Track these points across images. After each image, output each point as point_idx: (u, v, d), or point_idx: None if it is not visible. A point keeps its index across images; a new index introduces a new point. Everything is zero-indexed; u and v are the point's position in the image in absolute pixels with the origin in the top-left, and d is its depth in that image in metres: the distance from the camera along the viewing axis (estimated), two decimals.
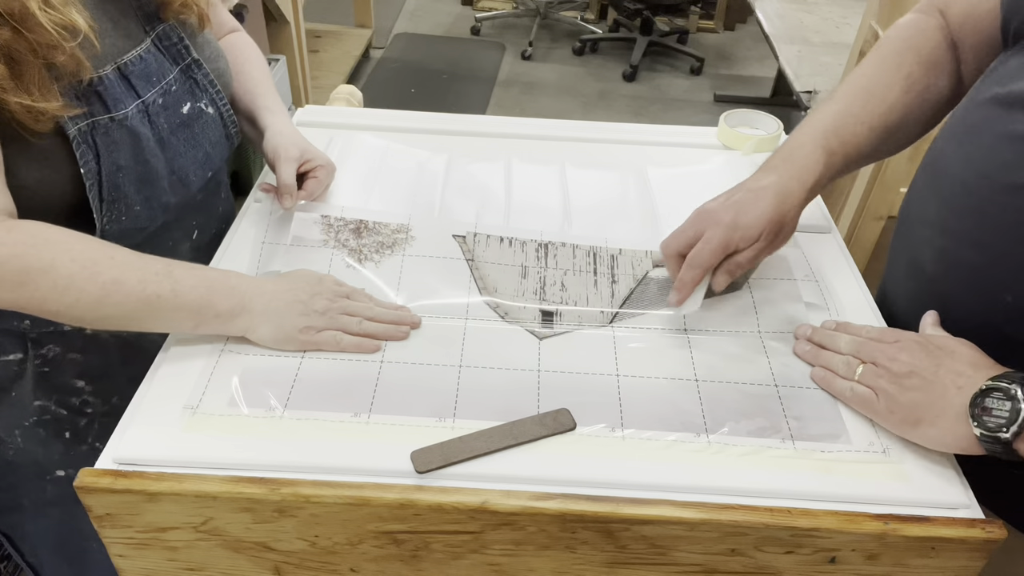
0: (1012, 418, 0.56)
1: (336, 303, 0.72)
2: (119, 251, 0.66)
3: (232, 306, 0.68)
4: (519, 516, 0.58)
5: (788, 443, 0.64)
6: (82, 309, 0.64)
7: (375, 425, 0.64)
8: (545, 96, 3.48)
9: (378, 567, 0.63)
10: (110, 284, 0.63)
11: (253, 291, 0.70)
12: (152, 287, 0.65)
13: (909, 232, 0.78)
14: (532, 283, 0.79)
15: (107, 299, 0.63)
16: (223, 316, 0.68)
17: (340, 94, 1.20)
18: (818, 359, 0.71)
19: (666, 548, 0.59)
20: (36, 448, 0.83)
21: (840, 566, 0.59)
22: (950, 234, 0.70)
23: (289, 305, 0.70)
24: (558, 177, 0.98)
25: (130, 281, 0.64)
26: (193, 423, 0.63)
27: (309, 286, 0.73)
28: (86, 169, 0.68)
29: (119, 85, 0.71)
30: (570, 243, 0.85)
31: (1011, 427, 0.56)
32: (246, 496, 0.57)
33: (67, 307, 0.63)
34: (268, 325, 0.69)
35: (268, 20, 2.39)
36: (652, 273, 0.82)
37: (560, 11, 4.15)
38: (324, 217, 0.84)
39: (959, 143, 0.70)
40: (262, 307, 0.69)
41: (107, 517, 0.59)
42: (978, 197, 0.66)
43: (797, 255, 0.85)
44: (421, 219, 0.87)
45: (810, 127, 0.76)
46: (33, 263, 0.61)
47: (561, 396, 0.67)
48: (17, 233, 0.62)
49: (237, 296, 0.69)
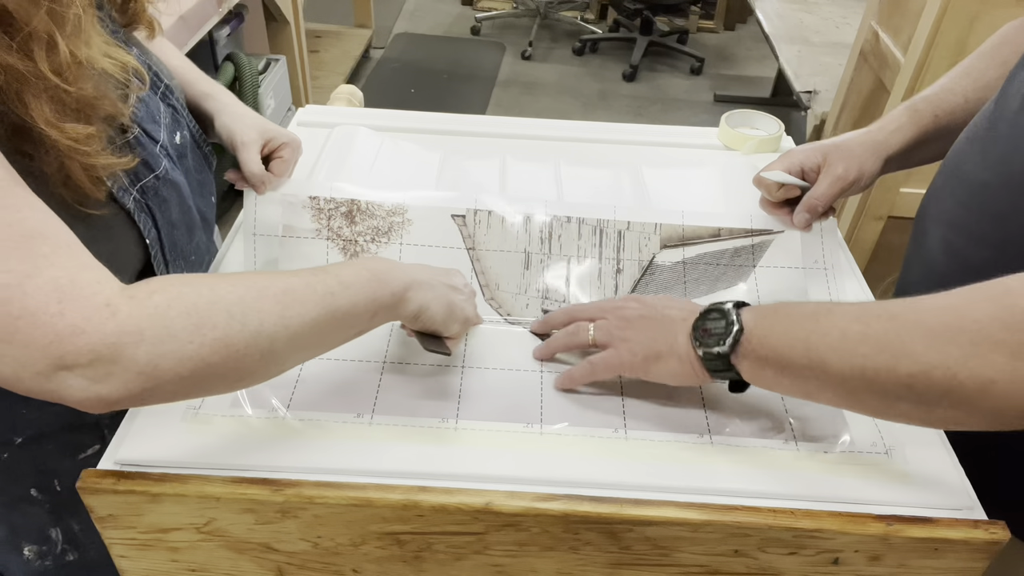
0: (726, 332, 0.59)
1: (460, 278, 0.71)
2: (249, 272, 0.64)
3: (401, 279, 0.61)
4: (522, 517, 0.58)
5: (791, 444, 0.64)
6: (270, 332, 0.52)
7: (378, 426, 0.64)
8: (545, 96, 3.49)
9: (381, 568, 0.63)
10: (281, 295, 0.53)
11: (404, 265, 0.64)
12: (319, 286, 0.56)
13: (924, 233, 0.78)
14: (534, 275, 0.78)
15: (288, 311, 0.53)
16: (397, 293, 0.60)
17: (341, 94, 1.20)
18: (549, 348, 0.71)
19: (669, 549, 0.59)
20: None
21: (843, 567, 0.59)
22: (966, 233, 0.70)
23: (435, 275, 0.66)
24: (552, 174, 0.95)
25: (297, 287, 0.55)
26: (196, 424, 0.62)
27: (436, 269, 0.68)
28: (150, 237, 0.66)
29: (143, 136, 0.66)
30: (575, 217, 0.80)
31: (726, 340, 0.59)
32: (249, 497, 0.57)
33: (254, 335, 0.51)
34: (432, 294, 0.64)
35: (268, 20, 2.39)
36: (659, 258, 0.80)
37: (560, 11, 4.15)
38: (313, 199, 0.78)
39: (979, 144, 0.70)
40: (427, 278, 0.64)
41: (109, 518, 0.59)
42: (996, 198, 0.66)
43: (813, 241, 0.82)
44: (417, 199, 0.81)
45: (907, 103, 0.83)
46: (193, 299, 0.50)
47: (564, 397, 0.67)
48: (147, 285, 0.50)
49: (398, 269, 0.62)
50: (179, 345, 0.48)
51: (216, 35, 2.00)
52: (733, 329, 0.59)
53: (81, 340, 0.45)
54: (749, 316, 0.59)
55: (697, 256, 0.80)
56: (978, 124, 0.72)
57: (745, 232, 0.81)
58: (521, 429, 0.64)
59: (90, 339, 0.45)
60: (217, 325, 0.50)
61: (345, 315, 0.57)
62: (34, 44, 0.51)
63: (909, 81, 1.43)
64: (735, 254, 0.81)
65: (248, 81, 2.07)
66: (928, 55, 1.37)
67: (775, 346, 0.57)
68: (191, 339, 0.49)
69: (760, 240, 0.81)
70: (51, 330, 0.45)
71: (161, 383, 0.48)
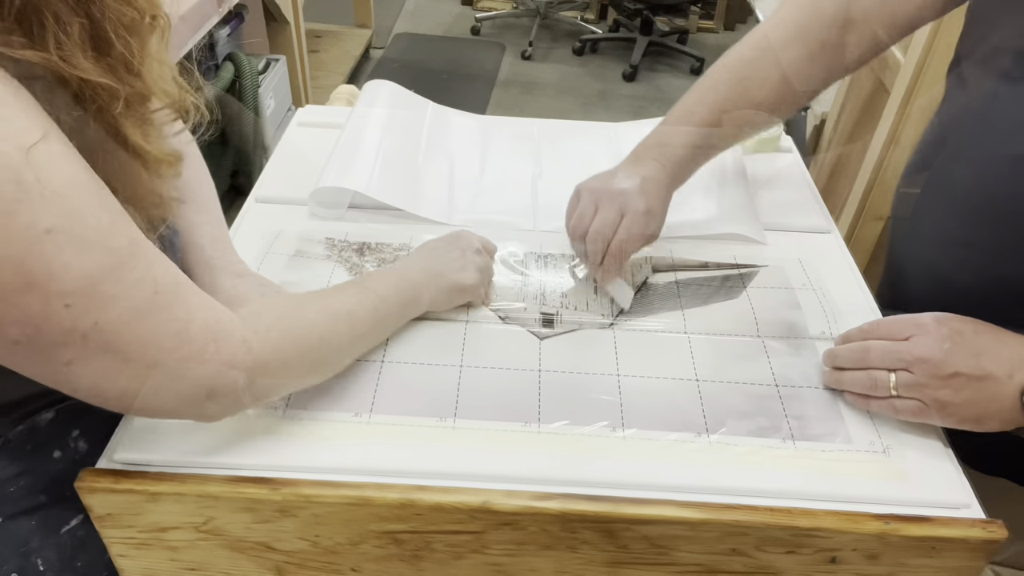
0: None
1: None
2: (316, 294, 0.66)
3: (415, 283, 0.71)
4: (520, 516, 0.58)
5: (789, 443, 0.64)
6: (346, 349, 0.64)
7: (376, 425, 0.64)
8: (545, 96, 3.48)
9: (379, 567, 0.63)
10: (348, 316, 0.63)
11: (416, 263, 0.73)
12: (367, 302, 0.65)
13: (924, 246, 0.78)
14: (532, 292, 0.80)
15: (354, 330, 0.64)
16: (415, 297, 0.71)
17: (341, 94, 1.21)
18: (841, 384, 0.68)
19: (667, 548, 0.59)
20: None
21: (841, 566, 0.59)
22: (988, 251, 0.69)
23: (439, 262, 0.74)
24: (532, 150, 1.02)
25: (354, 307, 0.64)
26: (194, 423, 0.62)
27: (450, 242, 0.77)
28: None
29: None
30: (568, 254, 0.85)
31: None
32: (247, 496, 0.57)
33: (335, 353, 0.63)
34: (435, 286, 0.72)
35: (268, 20, 2.39)
36: (652, 279, 0.82)
37: (560, 11, 4.15)
38: (328, 239, 0.85)
39: (975, 165, 0.70)
40: (433, 268, 0.73)
41: (108, 517, 0.59)
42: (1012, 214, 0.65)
43: (794, 264, 0.85)
44: (423, 238, 0.85)
45: (687, 121, 0.79)
46: (296, 331, 0.59)
47: (562, 396, 0.67)
48: (261, 319, 0.57)
49: (413, 273, 0.71)
50: (290, 372, 0.58)
51: (216, 35, 2.00)
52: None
53: (231, 375, 0.52)
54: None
55: (689, 279, 0.83)
56: (963, 146, 0.72)
57: (731, 266, 0.85)
58: (519, 428, 0.64)
59: (237, 374, 0.53)
60: (314, 349, 0.60)
61: (385, 323, 0.69)
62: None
63: (909, 81, 1.43)
64: (725, 279, 0.83)
65: (248, 81, 2.07)
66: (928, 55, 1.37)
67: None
68: (298, 365, 0.58)
69: (747, 271, 0.84)
70: (211, 368, 0.51)
71: (270, 397, 0.58)
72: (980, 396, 0.60)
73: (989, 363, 0.59)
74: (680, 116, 0.80)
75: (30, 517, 0.63)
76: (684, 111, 0.80)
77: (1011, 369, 0.59)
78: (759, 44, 0.79)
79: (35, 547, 0.64)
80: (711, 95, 0.79)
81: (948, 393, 0.60)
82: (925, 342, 0.62)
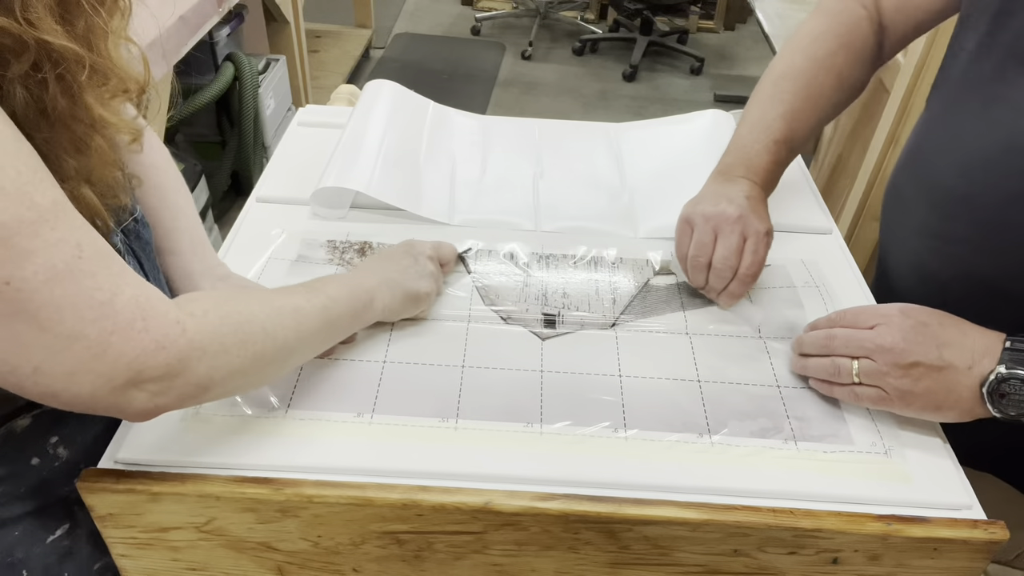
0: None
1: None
2: (261, 290, 0.65)
3: (368, 288, 0.68)
4: (522, 516, 0.58)
5: (790, 444, 0.64)
6: (292, 344, 0.58)
7: (378, 425, 0.64)
8: (545, 96, 3.48)
9: (381, 567, 0.63)
10: (294, 312, 0.59)
11: (369, 271, 0.71)
12: (316, 301, 0.61)
13: (904, 240, 0.79)
14: (534, 291, 0.80)
15: (302, 326, 0.59)
16: (367, 302, 0.67)
17: (341, 94, 1.21)
18: (806, 370, 0.69)
19: (669, 549, 0.59)
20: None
21: (842, 567, 0.59)
22: (964, 243, 0.70)
23: (392, 271, 0.71)
24: (533, 150, 1.02)
25: (302, 304, 0.60)
26: (195, 423, 0.63)
27: (403, 250, 0.75)
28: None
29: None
30: (570, 254, 0.85)
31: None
32: (249, 496, 0.57)
33: (280, 348, 0.57)
34: (389, 294, 0.70)
35: (268, 20, 2.39)
36: (653, 281, 0.82)
37: (560, 11, 4.15)
38: (330, 242, 0.85)
39: (951, 154, 0.71)
40: (385, 277, 0.70)
41: (109, 517, 0.59)
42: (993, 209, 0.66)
43: (796, 263, 0.85)
44: (424, 238, 0.85)
45: (765, 134, 0.81)
46: (236, 317, 0.54)
47: (563, 396, 0.67)
48: (198, 303, 0.53)
49: (367, 279, 0.69)
50: (230, 359, 0.52)
51: (216, 35, 2.00)
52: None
53: (161, 356, 0.47)
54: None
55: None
56: (942, 136, 0.74)
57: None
58: (521, 429, 0.64)
59: (168, 355, 0.48)
60: (256, 340, 0.54)
61: (336, 326, 0.65)
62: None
63: (909, 81, 1.43)
64: None
65: (248, 81, 2.07)
66: (928, 55, 1.37)
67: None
68: (239, 353, 0.53)
69: None
70: (138, 345, 0.46)
71: (208, 393, 0.52)
72: (939, 386, 0.61)
73: (950, 354, 0.61)
74: (753, 130, 0.82)
75: (13, 527, 0.62)
76: (757, 124, 0.82)
77: (971, 360, 0.61)
78: (807, 54, 0.83)
79: (20, 557, 0.62)
80: (779, 106, 0.81)
81: (908, 382, 0.62)
82: (888, 331, 0.63)
